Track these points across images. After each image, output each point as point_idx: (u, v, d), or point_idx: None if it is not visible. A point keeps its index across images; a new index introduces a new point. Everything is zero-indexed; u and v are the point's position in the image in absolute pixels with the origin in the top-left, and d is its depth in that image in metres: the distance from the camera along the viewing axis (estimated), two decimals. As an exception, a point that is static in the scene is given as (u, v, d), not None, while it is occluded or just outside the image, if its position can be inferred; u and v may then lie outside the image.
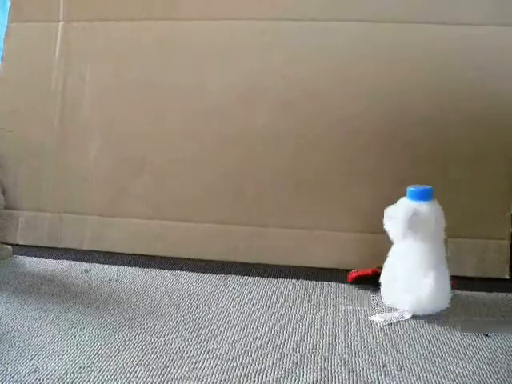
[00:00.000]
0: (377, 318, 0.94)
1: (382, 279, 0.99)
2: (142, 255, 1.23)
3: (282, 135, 1.20)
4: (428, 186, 0.98)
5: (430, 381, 0.74)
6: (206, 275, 1.12)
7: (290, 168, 1.19)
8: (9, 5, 1.30)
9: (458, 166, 1.16)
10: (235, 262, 1.19)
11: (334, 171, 1.18)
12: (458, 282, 1.01)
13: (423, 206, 0.95)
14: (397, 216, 0.94)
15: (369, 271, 1.07)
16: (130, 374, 0.75)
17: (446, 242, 0.98)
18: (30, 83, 1.28)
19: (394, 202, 0.97)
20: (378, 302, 1.00)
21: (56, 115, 1.27)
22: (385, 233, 0.97)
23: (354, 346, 0.83)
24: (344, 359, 0.80)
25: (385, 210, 0.97)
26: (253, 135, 1.21)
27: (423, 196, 0.96)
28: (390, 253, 0.99)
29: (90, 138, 1.25)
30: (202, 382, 0.73)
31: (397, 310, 0.96)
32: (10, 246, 1.21)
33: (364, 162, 1.18)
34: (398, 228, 0.95)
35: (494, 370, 0.77)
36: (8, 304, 0.95)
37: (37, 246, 1.26)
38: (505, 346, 0.84)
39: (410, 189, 0.97)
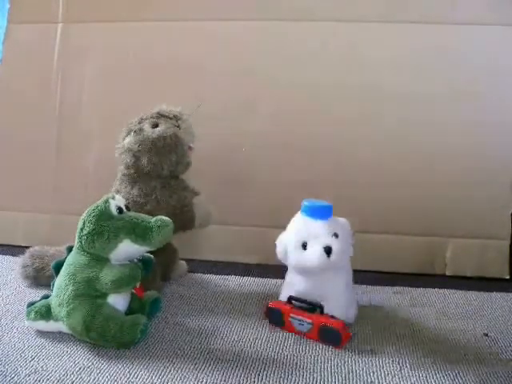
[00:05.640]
0: None
1: None
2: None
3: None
4: (326, 203, 0.86)
5: (429, 380, 0.75)
6: (206, 276, 1.12)
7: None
8: (8, 6, 1.30)
9: (459, 167, 1.17)
10: (236, 263, 1.19)
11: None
12: (458, 281, 1.00)
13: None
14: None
15: None
16: (130, 374, 0.75)
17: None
18: (29, 84, 1.29)
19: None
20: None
21: (55, 116, 1.28)
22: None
23: (354, 346, 0.84)
24: (344, 359, 0.80)
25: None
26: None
27: (318, 214, 0.85)
28: None
29: (89, 138, 1.25)
30: (201, 382, 0.73)
31: None
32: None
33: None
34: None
35: (494, 370, 0.77)
36: (8, 305, 0.95)
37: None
38: (504, 346, 0.84)
39: (305, 204, 0.86)
